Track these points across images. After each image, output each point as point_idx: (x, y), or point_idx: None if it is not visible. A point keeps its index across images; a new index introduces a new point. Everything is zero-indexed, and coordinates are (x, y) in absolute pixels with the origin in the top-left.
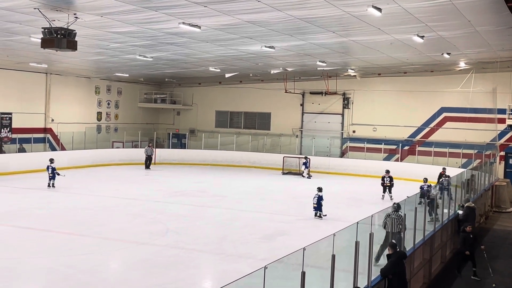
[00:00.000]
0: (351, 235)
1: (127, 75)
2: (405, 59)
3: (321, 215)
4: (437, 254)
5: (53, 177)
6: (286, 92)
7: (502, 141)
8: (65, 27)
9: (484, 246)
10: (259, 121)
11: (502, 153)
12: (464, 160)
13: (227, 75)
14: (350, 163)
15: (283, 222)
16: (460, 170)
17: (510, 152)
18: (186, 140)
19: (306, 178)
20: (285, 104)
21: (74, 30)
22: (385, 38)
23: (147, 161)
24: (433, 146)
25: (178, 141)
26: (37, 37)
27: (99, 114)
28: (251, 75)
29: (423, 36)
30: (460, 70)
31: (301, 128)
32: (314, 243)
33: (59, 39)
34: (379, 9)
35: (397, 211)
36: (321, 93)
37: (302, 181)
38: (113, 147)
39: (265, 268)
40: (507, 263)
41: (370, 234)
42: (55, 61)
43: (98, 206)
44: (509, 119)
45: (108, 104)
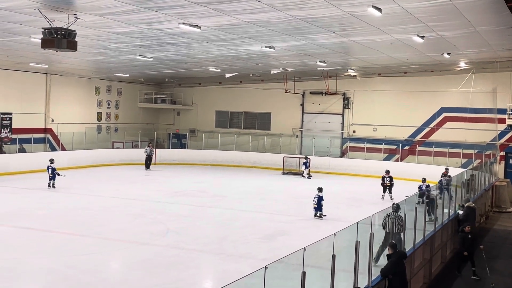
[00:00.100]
0: (352, 235)
1: (127, 75)
2: (405, 59)
3: (321, 215)
4: (437, 254)
5: (53, 177)
6: (286, 92)
7: (502, 141)
8: (65, 27)
9: (483, 246)
10: (259, 121)
11: (502, 153)
12: (464, 160)
13: (227, 75)
14: (350, 163)
15: (283, 222)
16: (460, 170)
17: (510, 152)
18: (186, 140)
19: (306, 178)
20: (285, 104)
21: (74, 31)
22: (385, 38)
23: (147, 161)
24: (433, 146)
25: (178, 141)
26: (37, 37)
27: (99, 114)
28: (251, 75)
29: (423, 36)
30: (460, 70)
31: (301, 128)
32: (314, 243)
33: (59, 39)
34: (379, 9)
35: (396, 211)
36: (321, 93)
37: (302, 181)
38: (113, 147)
39: (265, 268)
40: (507, 263)
41: (370, 234)
42: (55, 62)
43: (99, 206)
44: (509, 119)
45: (108, 104)
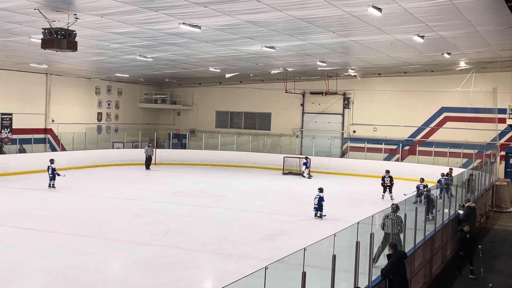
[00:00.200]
0: (352, 235)
1: (127, 75)
2: (405, 59)
3: (321, 215)
4: (438, 254)
5: (53, 177)
6: (286, 92)
7: (502, 140)
8: (65, 27)
9: (481, 246)
10: (259, 121)
11: (503, 153)
12: (465, 160)
13: (227, 75)
14: (351, 163)
15: (284, 222)
16: (461, 170)
17: (511, 151)
18: (187, 141)
19: (307, 178)
20: (286, 104)
21: (74, 31)
22: (385, 38)
23: (147, 162)
24: (433, 146)
25: (179, 142)
26: (37, 37)
27: (99, 114)
28: (251, 75)
29: (423, 36)
30: (460, 70)
31: (302, 128)
32: (314, 243)
33: (59, 39)
34: (379, 9)
35: (395, 212)
36: (321, 93)
37: (302, 181)
38: (113, 148)
39: (265, 268)
40: (507, 263)
41: (370, 234)
42: (55, 62)
43: (99, 206)
44: (509, 118)
45: (109, 104)
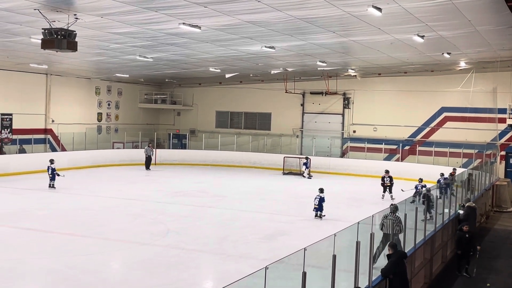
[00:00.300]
0: (352, 235)
1: (127, 75)
2: (405, 59)
3: (321, 216)
4: (438, 254)
5: (53, 177)
6: (286, 92)
7: (502, 140)
8: (65, 28)
9: (480, 247)
10: (259, 121)
11: (503, 153)
12: (465, 160)
13: (227, 76)
14: (351, 163)
15: (284, 222)
16: (461, 170)
17: (511, 151)
18: (187, 141)
19: (307, 178)
20: (286, 104)
21: (74, 31)
22: (385, 38)
23: (147, 162)
24: (433, 146)
25: (179, 142)
26: (37, 38)
27: (99, 114)
28: (251, 75)
29: (423, 35)
30: (460, 69)
31: (302, 128)
32: (315, 243)
33: (59, 40)
34: (379, 9)
35: (394, 212)
36: (321, 93)
37: (302, 181)
38: (113, 148)
39: (266, 268)
40: (507, 262)
41: (371, 234)
42: (55, 62)
43: (99, 206)
44: (509, 118)
45: (109, 104)
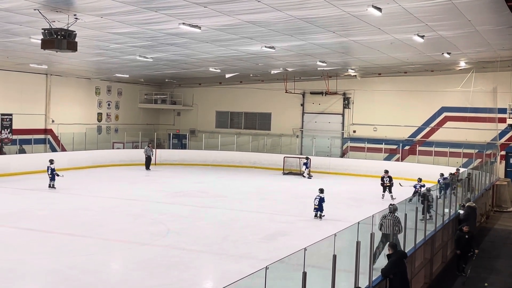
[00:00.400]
0: (352, 235)
1: (127, 75)
2: (405, 59)
3: (321, 216)
4: (438, 254)
5: (53, 178)
6: (286, 92)
7: (502, 140)
8: (65, 28)
9: (477, 250)
10: (259, 121)
11: (503, 153)
12: (465, 160)
13: (227, 76)
14: (351, 163)
15: (284, 222)
16: (461, 170)
17: (511, 151)
18: (187, 141)
19: (307, 178)
20: (286, 104)
21: (74, 31)
22: (385, 38)
23: (147, 162)
24: (433, 145)
25: (179, 142)
26: (37, 38)
27: (99, 115)
28: (251, 75)
29: (423, 35)
30: (460, 69)
31: (302, 128)
32: (315, 243)
33: (59, 40)
34: (379, 9)
35: (393, 212)
36: (321, 93)
37: (302, 181)
38: (113, 148)
39: (266, 268)
40: (507, 262)
41: (371, 234)
42: (55, 62)
43: (99, 207)
44: (509, 118)
45: (109, 105)
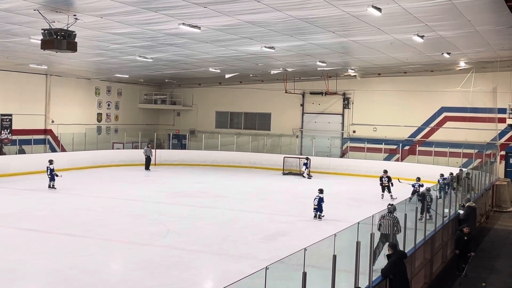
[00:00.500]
0: (352, 235)
1: (127, 76)
2: (405, 59)
3: (320, 216)
4: (438, 254)
5: (52, 178)
6: (286, 92)
7: (502, 140)
8: (65, 28)
9: (473, 254)
10: (259, 121)
11: (503, 153)
12: (465, 160)
13: (227, 76)
14: (351, 163)
15: (284, 223)
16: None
17: (511, 151)
18: (186, 141)
19: (307, 178)
20: (285, 104)
21: (74, 31)
22: (385, 38)
23: (147, 162)
24: (433, 146)
25: (178, 142)
26: (37, 38)
27: (99, 115)
28: (251, 75)
29: (423, 36)
30: (460, 69)
31: (301, 128)
32: (315, 243)
33: (59, 40)
34: (379, 9)
35: (392, 212)
36: (321, 93)
37: (302, 182)
38: (113, 148)
39: (266, 268)
40: (507, 262)
41: (371, 234)
42: (55, 63)
43: (99, 207)
44: (509, 118)
45: (108, 105)
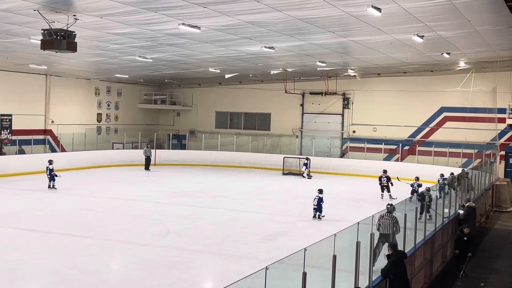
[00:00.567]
0: (352, 235)
1: (127, 76)
2: (405, 59)
3: (320, 216)
4: (438, 254)
5: (52, 178)
6: (286, 92)
7: (502, 140)
8: (64, 28)
9: (470, 255)
10: (259, 121)
11: (502, 153)
12: (465, 160)
13: (227, 76)
14: (350, 163)
15: (284, 223)
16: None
17: (510, 151)
18: (186, 141)
19: (307, 178)
20: (285, 104)
21: (74, 32)
22: (385, 38)
23: (147, 162)
24: (433, 146)
25: (178, 142)
26: (37, 38)
27: (99, 115)
28: (251, 75)
29: (422, 36)
30: (460, 69)
31: (301, 128)
32: (315, 243)
33: (59, 40)
34: (378, 9)
35: (391, 212)
36: (321, 93)
37: (302, 182)
38: (113, 148)
39: (266, 268)
40: (507, 262)
41: (371, 234)
42: (55, 63)
43: (99, 207)
44: (509, 118)
45: (108, 105)
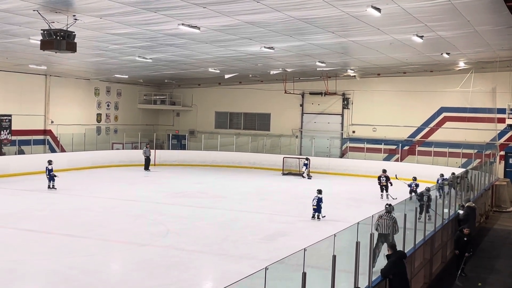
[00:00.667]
0: (352, 235)
1: (126, 76)
2: (404, 59)
3: (319, 217)
4: (438, 254)
5: (51, 178)
6: (285, 92)
7: (502, 140)
8: (64, 28)
9: (468, 254)
10: (258, 122)
11: (502, 153)
12: (464, 160)
13: (226, 76)
14: (350, 163)
15: (284, 223)
16: (460, 170)
17: (510, 151)
18: (186, 141)
19: (306, 178)
20: (285, 104)
21: (74, 32)
22: (385, 38)
23: (146, 163)
24: (433, 146)
25: (178, 142)
26: (36, 39)
27: (98, 115)
28: (250, 76)
29: (422, 36)
30: (460, 70)
31: (301, 128)
32: (314, 243)
33: (58, 40)
34: (378, 9)
35: (389, 212)
36: (320, 93)
37: (302, 182)
38: (113, 149)
39: (266, 268)
40: (507, 262)
41: (370, 235)
42: (55, 63)
43: (99, 207)
44: (508, 118)
45: (108, 105)
